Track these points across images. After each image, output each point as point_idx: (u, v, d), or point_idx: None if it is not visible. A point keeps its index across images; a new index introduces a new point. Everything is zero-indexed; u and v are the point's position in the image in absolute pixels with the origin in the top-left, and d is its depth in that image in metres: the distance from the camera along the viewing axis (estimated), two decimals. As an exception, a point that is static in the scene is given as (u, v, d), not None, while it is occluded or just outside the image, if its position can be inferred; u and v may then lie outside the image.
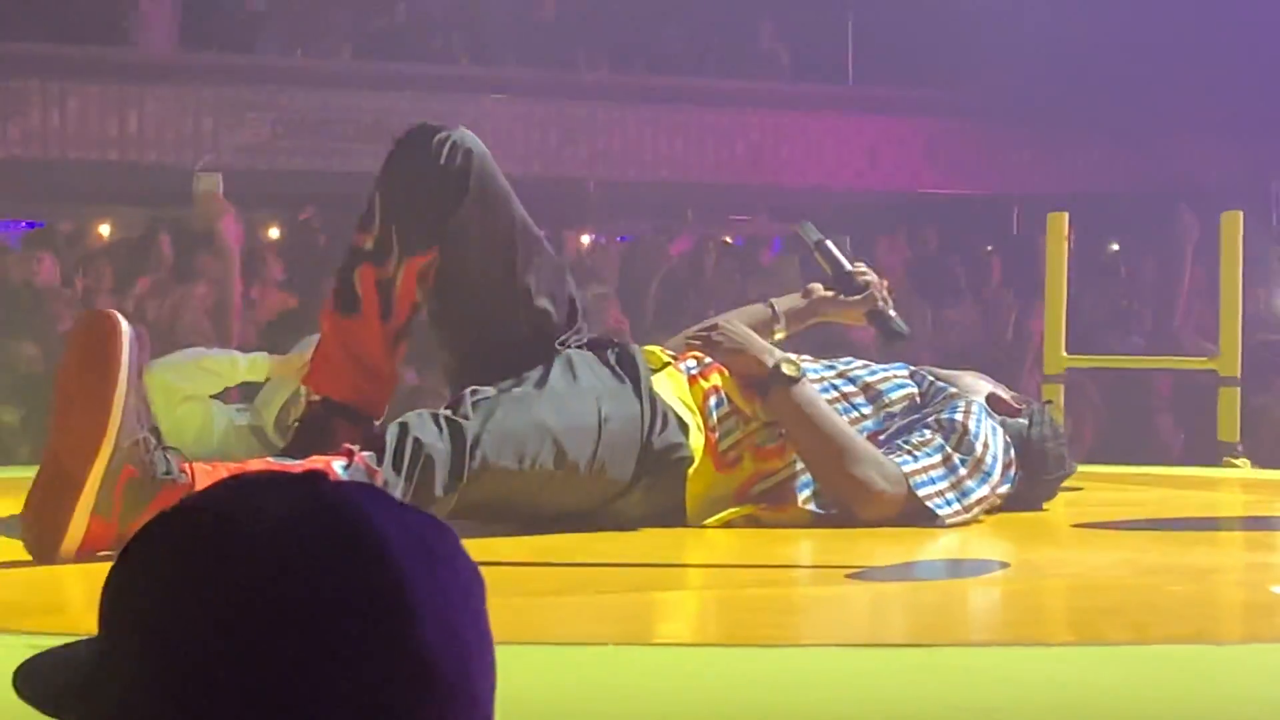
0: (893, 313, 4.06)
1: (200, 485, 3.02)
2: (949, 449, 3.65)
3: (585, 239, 12.27)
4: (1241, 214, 5.65)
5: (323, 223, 11.46)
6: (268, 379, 5.16)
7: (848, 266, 4.10)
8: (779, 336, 4.06)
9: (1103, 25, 14.69)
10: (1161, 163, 15.57)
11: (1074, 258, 5.83)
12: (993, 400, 3.85)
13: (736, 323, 3.86)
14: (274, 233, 12.41)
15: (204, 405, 5.17)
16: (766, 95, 15.13)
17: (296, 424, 3.67)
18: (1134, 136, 15.46)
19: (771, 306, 4.09)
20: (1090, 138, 15.47)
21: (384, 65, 14.04)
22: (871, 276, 4.09)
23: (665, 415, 3.55)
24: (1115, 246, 11.57)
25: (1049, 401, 4.31)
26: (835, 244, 4.16)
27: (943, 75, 14.88)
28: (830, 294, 4.10)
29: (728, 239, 13.87)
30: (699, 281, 10.65)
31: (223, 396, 5.30)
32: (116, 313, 3.05)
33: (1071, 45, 14.59)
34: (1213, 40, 15.08)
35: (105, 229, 12.41)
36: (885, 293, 4.07)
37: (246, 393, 5.49)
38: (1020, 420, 3.85)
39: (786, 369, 3.67)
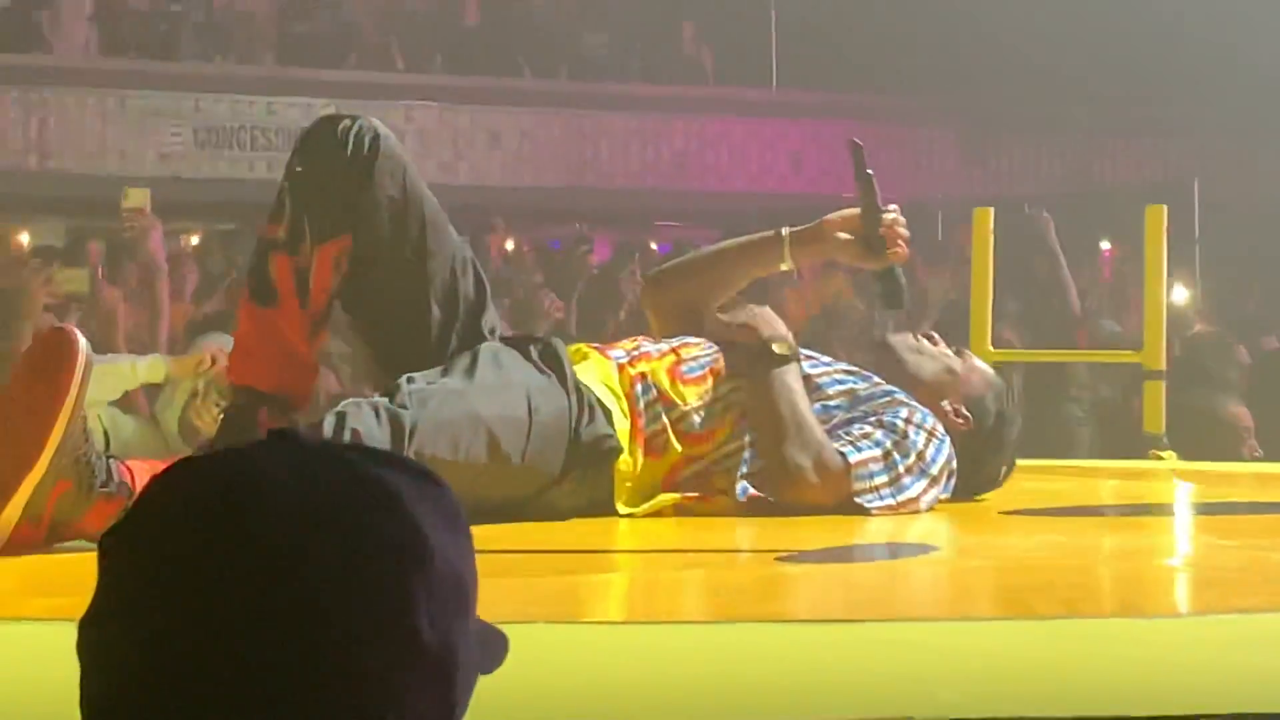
0: (903, 280, 3.91)
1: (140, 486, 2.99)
2: (889, 445, 3.64)
3: (509, 244, 12.25)
4: (1165, 208, 5.69)
5: (245, 232, 11.41)
6: (166, 380, 5.15)
7: (882, 213, 3.83)
8: (784, 267, 4.00)
9: (1026, 29, 14.79)
10: (1085, 164, 15.67)
11: (997, 258, 5.83)
12: (938, 414, 3.80)
13: (764, 312, 3.83)
14: (194, 240, 12.34)
15: (109, 411, 5.15)
16: (691, 101, 15.17)
17: (222, 416, 3.65)
18: (1057, 139, 15.56)
19: (780, 234, 3.94)
20: (1014, 141, 15.56)
21: (307, 72, 14.00)
22: (903, 232, 3.85)
23: (591, 406, 3.54)
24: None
25: (1010, 391, 4.16)
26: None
27: (867, 79, 14.94)
28: (847, 232, 3.88)
29: (653, 245, 13.88)
30: (622, 288, 10.64)
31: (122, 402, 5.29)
32: (76, 330, 3.04)
33: (994, 49, 14.68)
34: (1133, 43, 15.21)
35: (25, 237, 12.31)
36: (904, 255, 3.88)
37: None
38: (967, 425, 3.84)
39: (777, 347, 3.66)
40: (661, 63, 15.30)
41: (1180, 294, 9.77)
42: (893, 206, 3.86)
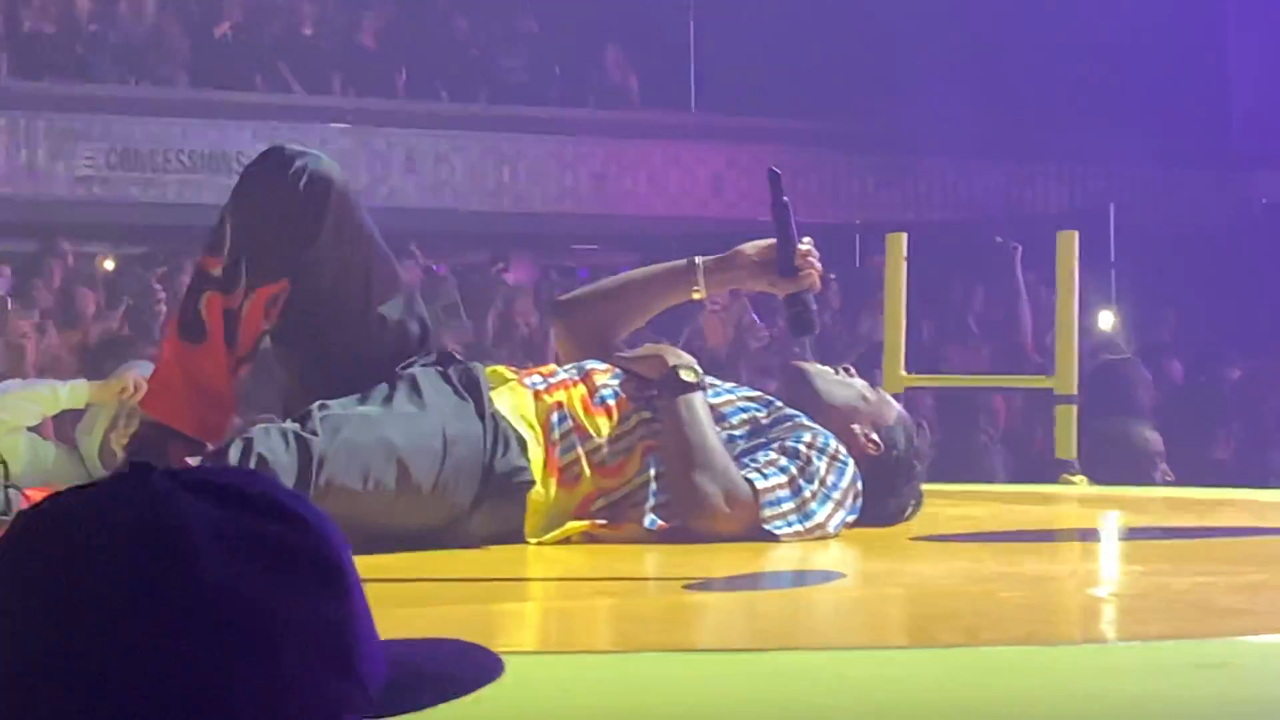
0: (814, 306, 3.93)
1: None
2: (794, 471, 3.65)
3: (420, 268, 12.22)
4: (1076, 234, 5.73)
5: (157, 255, 11.35)
6: (88, 405, 5.12)
7: (797, 242, 3.85)
8: (696, 295, 4.00)
9: (940, 54, 14.88)
10: (999, 190, 15.77)
11: (912, 283, 5.87)
12: (847, 437, 3.81)
13: (663, 345, 3.84)
14: (108, 265, 12.26)
15: (28, 437, 5.12)
16: (609, 124, 15.19)
17: (126, 446, 3.61)
18: (972, 164, 15.65)
19: (693, 262, 3.93)
20: (929, 166, 15.65)
21: (218, 94, 13.94)
22: (816, 262, 3.87)
23: (506, 436, 3.53)
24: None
25: (921, 426, 4.18)
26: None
27: (787, 104, 14.99)
28: (760, 261, 3.89)
29: (570, 265, 13.88)
30: (538, 309, 10.65)
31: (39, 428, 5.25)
32: None
33: (910, 74, 14.77)
34: (1051, 68, 15.33)
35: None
36: (818, 283, 3.89)
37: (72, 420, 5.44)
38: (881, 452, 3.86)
39: (685, 374, 3.67)
40: (581, 86, 15.32)
41: (1098, 319, 9.85)
42: (806, 238, 3.89)
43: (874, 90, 15.08)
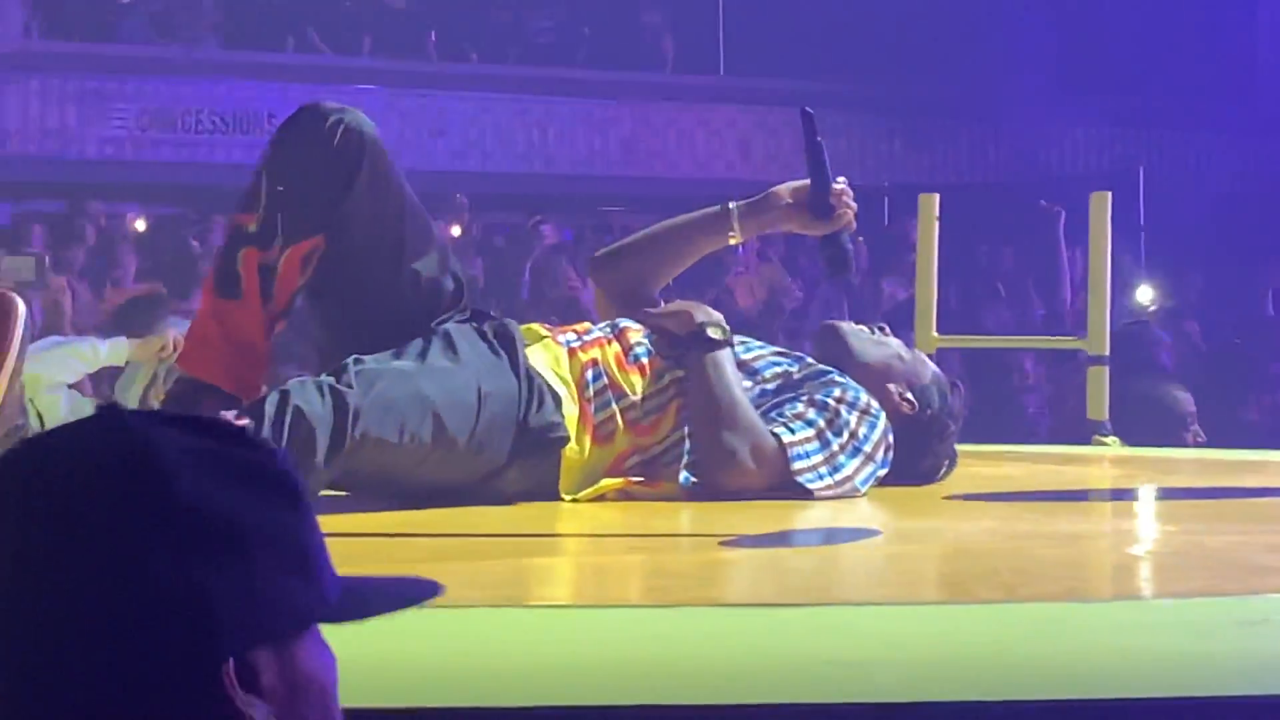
0: (850, 246, 3.92)
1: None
2: (822, 424, 3.64)
3: (456, 230, 12.23)
4: (1110, 195, 5.71)
5: (189, 215, 11.37)
6: (127, 363, 5.13)
7: (832, 181, 3.83)
8: (733, 240, 3.98)
9: (971, 15, 14.82)
10: (1030, 152, 15.72)
11: (942, 244, 5.85)
12: (881, 395, 3.81)
13: (692, 302, 3.84)
14: (139, 225, 12.27)
15: (67, 393, 5.13)
16: (639, 87, 15.16)
17: (162, 402, 3.62)
18: (1002, 126, 15.60)
19: (727, 207, 3.93)
20: (959, 128, 15.59)
21: (249, 55, 13.93)
22: (851, 201, 3.86)
23: (541, 392, 3.53)
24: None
25: (956, 385, 4.17)
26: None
27: (815, 67, 14.95)
28: (795, 202, 3.88)
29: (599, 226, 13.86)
30: (570, 269, 10.65)
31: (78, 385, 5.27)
32: (15, 296, 3.03)
33: (939, 35, 14.72)
34: (1080, 29, 15.26)
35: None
36: (853, 222, 3.88)
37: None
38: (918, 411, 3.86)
39: (712, 332, 3.66)
40: (611, 48, 15.29)
41: (1134, 288, 9.83)
42: (840, 177, 3.88)
43: (903, 53, 15.02)
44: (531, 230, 11.62)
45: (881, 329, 4.04)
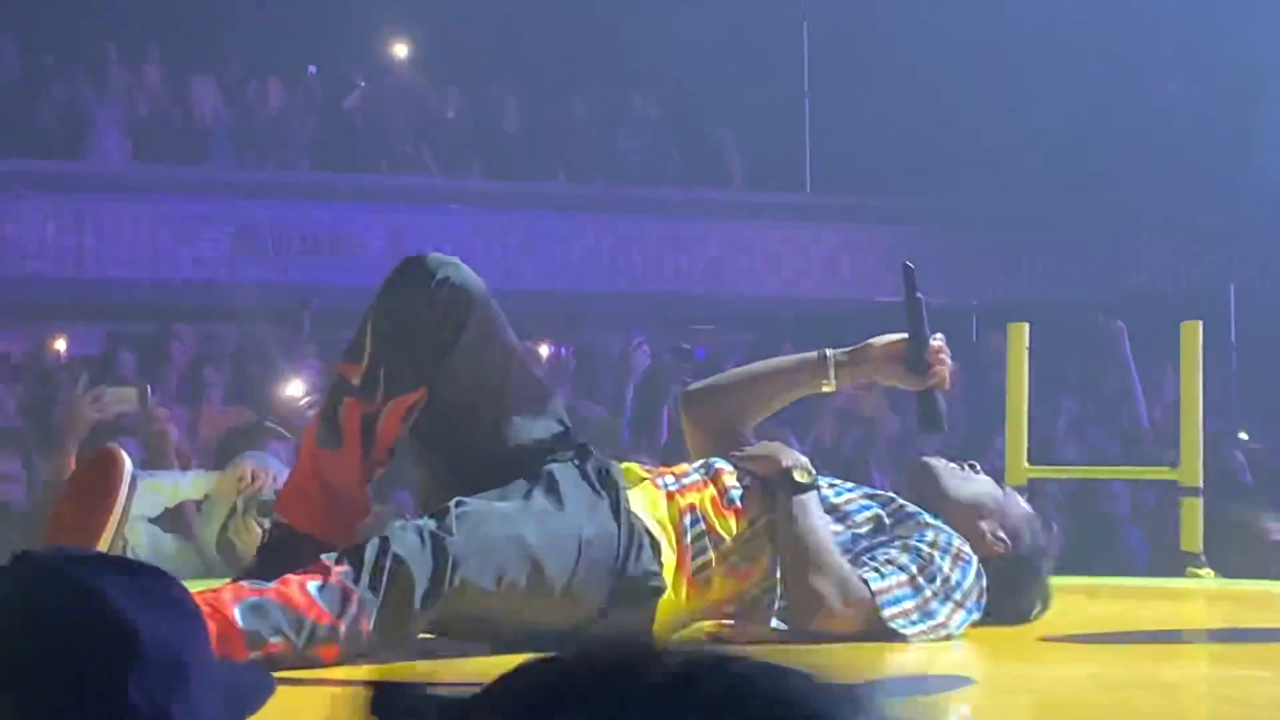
0: (943, 404, 3.92)
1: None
2: (914, 570, 3.62)
3: (544, 350, 12.25)
4: (1200, 324, 5.66)
5: (277, 335, 11.43)
6: (206, 497, 5.15)
7: (928, 337, 3.87)
8: (827, 388, 3.99)
9: (1059, 134, 14.81)
10: (1119, 270, 15.64)
11: (1033, 365, 5.81)
12: (973, 535, 3.79)
13: (778, 444, 3.83)
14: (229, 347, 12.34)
15: (148, 527, 5.15)
16: (726, 206, 15.21)
17: (259, 546, 3.62)
18: (1091, 244, 15.54)
19: (824, 354, 3.94)
20: (1048, 245, 15.55)
21: (341, 177, 14.07)
22: (947, 358, 3.88)
23: (640, 539, 3.51)
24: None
25: (1049, 525, 4.12)
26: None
27: (900, 183, 14.97)
28: (891, 355, 3.89)
29: (685, 345, 13.85)
30: (663, 390, 10.62)
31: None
32: (122, 453, 3.08)
33: (1029, 153, 14.70)
34: (1167, 147, 15.21)
35: (61, 344, 12.34)
36: (947, 381, 3.89)
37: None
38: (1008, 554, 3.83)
39: (798, 475, 3.65)
40: (697, 169, 15.35)
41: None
42: (938, 335, 3.87)
43: (991, 168, 15.02)
44: (635, 349, 11.57)
45: (972, 466, 4.02)
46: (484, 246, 14.12)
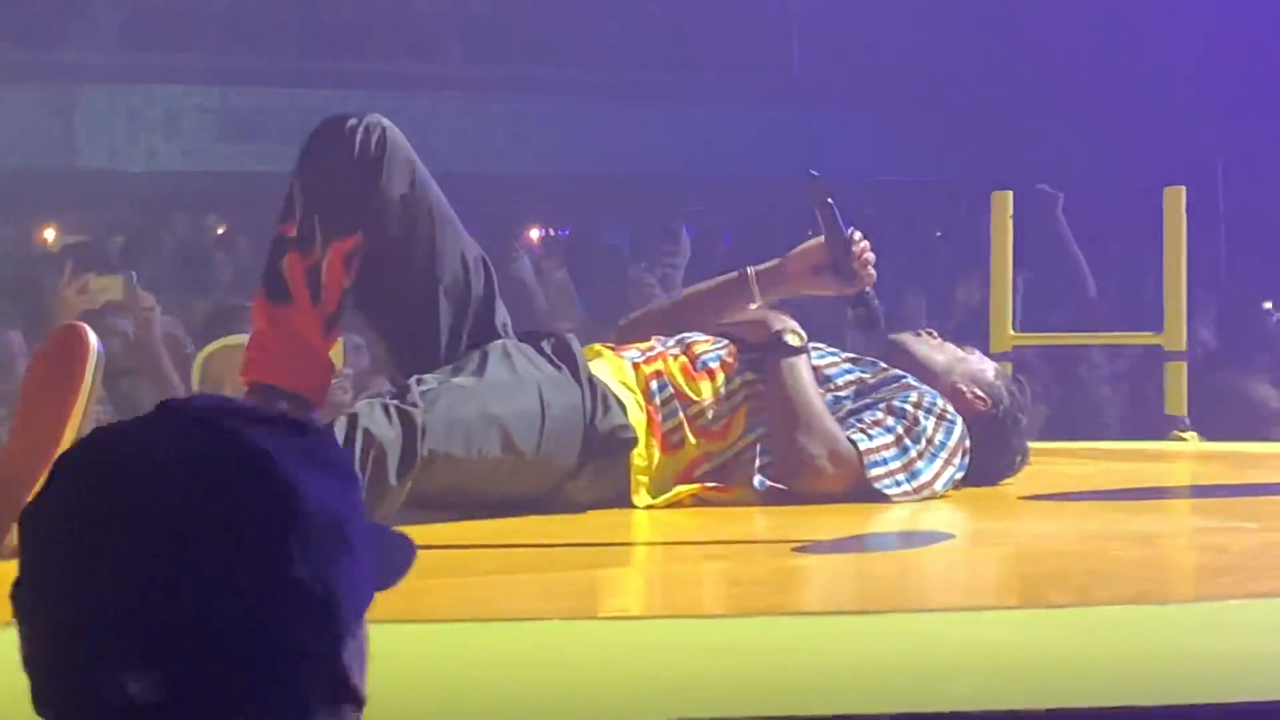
0: (877, 302, 3.95)
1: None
2: (900, 430, 3.66)
3: (534, 234, 12.27)
4: (1184, 189, 5.68)
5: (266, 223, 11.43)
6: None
7: (848, 240, 3.87)
8: (753, 307, 4.02)
9: (1042, 10, 14.73)
10: (1105, 144, 15.60)
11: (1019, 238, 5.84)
12: (954, 395, 3.83)
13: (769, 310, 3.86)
14: (219, 232, 12.36)
15: None
16: (712, 88, 15.14)
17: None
18: (1079, 120, 15.49)
19: (745, 274, 3.98)
20: (1035, 123, 15.49)
21: (329, 63, 13.99)
22: (869, 255, 3.90)
23: (605, 398, 3.56)
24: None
25: (1019, 380, 4.17)
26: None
27: (891, 67, 14.89)
28: (813, 265, 3.93)
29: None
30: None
31: None
32: (87, 329, 3.08)
33: (1010, 30, 14.64)
34: (1156, 20, 15.14)
35: (50, 234, 12.34)
36: (873, 277, 3.91)
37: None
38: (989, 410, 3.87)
39: (789, 339, 3.69)
40: (683, 51, 15.29)
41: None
42: (855, 231, 3.90)
43: (976, 47, 14.97)
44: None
45: (929, 333, 4.06)
46: (475, 132, 14.09)
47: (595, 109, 14.86)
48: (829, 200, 3.89)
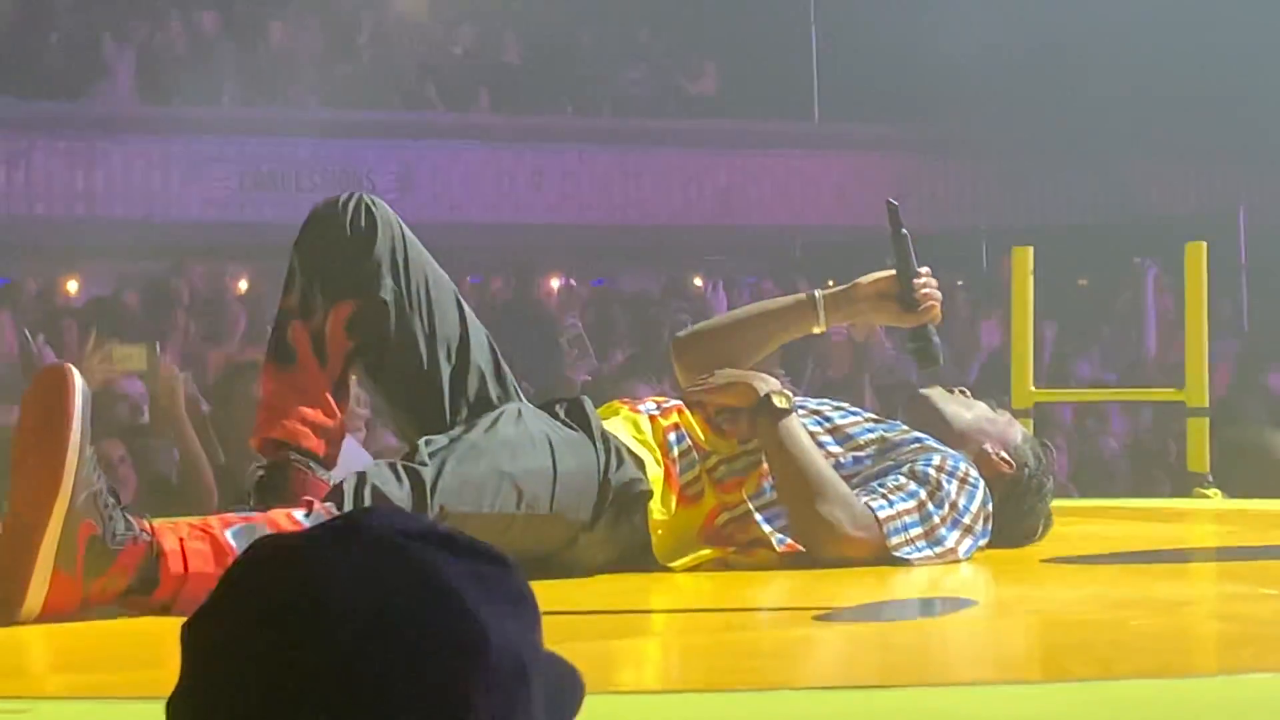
0: (937, 339, 3.92)
1: (163, 541, 3.02)
2: (923, 496, 3.64)
3: (555, 283, 12.28)
4: (1205, 245, 5.67)
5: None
6: None
7: (917, 271, 3.85)
8: (817, 330, 4.00)
9: (1065, 58, 14.76)
10: (1128, 193, 15.60)
11: (1040, 289, 5.83)
12: (980, 459, 3.82)
13: (732, 371, 3.84)
14: (242, 285, 12.38)
15: None
16: (734, 135, 15.17)
17: (258, 477, 3.66)
18: (1099, 168, 15.49)
19: (812, 296, 3.95)
20: (1055, 169, 15.51)
21: (350, 114, 14.04)
22: (935, 293, 3.88)
23: (619, 453, 3.56)
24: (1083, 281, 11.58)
25: (1046, 445, 4.14)
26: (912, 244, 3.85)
27: (909, 111, 14.91)
28: (879, 293, 3.90)
29: (697, 281, 13.86)
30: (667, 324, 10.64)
31: None
32: (70, 366, 3.08)
33: (1035, 78, 14.66)
34: (1177, 69, 15.15)
35: (73, 285, 12.36)
36: (939, 315, 3.90)
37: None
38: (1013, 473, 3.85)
39: (777, 400, 3.67)
40: (704, 99, 15.31)
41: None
42: (925, 268, 3.88)
43: (998, 95, 14.98)
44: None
45: (963, 391, 4.04)
46: (494, 181, 14.12)
47: (620, 158, 14.87)
48: (904, 230, 3.86)
